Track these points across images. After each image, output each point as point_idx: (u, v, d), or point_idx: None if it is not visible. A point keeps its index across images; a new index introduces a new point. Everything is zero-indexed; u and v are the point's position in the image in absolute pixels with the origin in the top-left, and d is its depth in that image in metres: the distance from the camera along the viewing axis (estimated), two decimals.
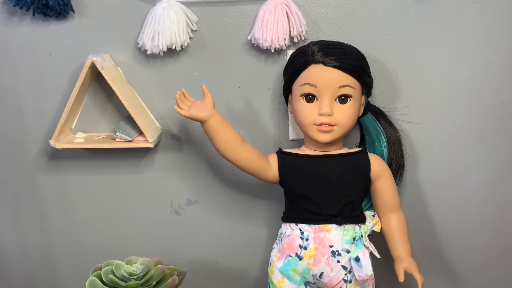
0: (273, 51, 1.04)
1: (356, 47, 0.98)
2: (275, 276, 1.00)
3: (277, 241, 1.02)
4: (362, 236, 0.97)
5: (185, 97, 1.00)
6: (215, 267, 1.21)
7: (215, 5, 1.05)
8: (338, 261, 0.96)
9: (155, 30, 1.02)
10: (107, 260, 1.02)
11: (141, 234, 1.19)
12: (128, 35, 1.07)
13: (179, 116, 1.09)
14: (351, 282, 0.97)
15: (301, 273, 0.98)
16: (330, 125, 0.95)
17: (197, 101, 0.98)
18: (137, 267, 0.99)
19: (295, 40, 1.04)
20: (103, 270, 0.99)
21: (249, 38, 1.04)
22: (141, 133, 1.08)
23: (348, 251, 0.96)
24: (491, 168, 1.12)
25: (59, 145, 1.06)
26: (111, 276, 0.97)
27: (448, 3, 1.04)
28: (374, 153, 1.04)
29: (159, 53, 1.04)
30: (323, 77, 0.94)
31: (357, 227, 0.98)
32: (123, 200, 1.17)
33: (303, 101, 0.97)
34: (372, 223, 1.00)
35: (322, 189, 0.97)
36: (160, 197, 1.17)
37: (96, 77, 1.09)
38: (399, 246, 1.00)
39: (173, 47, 1.03)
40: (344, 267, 0.96)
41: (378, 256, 0.98)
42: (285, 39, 1.01)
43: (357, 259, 0.95)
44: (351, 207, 0.98)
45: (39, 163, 1.15)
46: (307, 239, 0.97)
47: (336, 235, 0.97)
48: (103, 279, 0.97)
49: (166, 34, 1.01)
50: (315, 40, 1.02)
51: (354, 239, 0.97)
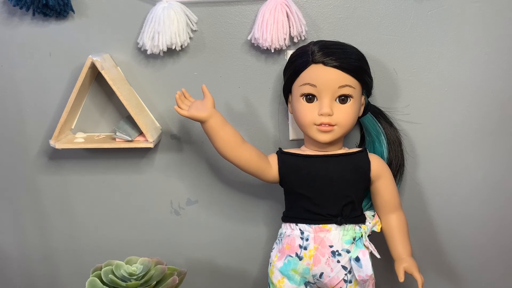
0: (273, 51, 1.04)
1: (356, 47, 0.98)
2: (275, 276, 1.00)
3: (277, 241, 1.02)
4: (362, 236, 0.97)
5: (185, 97, 1.00)
6: (215, 267, 1.21)
7: (215, 5, 1.05)
8: (338, 261, 0.96)
9: (155, 30, 1.02)
10: (107, 260, 1.02)
11: (141, 234, 1.19)
12: (128, 35, 1.07)
13: (179, 116, 1.09)
14: (351, 282, 0.97)
15: (301, 273, 0.98)
16: (330, 125, 0.95)
17: (197, 101, 0.98)
18: (137, 267, 0.99)
19: (295, 40, 1.04)
20: (103, 270, 0.99)
21: (249, 38, 1.04)
22: (141, 133, 1.08)
23: (348, 251, 0.96)
24: (491, 168, 1.12)
25: (59, 145, 1.06)
26: (111, 276, 0.97)
27: (448, 3, 1.04)
28: (374, 153, 1.04)
29: (159, 53, 1.04)
30: (323, 77, 0.94)
31: (357, 227, 0.98)
32: (123, 200, 1.17)
33: (303, 101, 0.96)
34: (372, 223, 1.00)
35: (322, 189, 0.97)
36: (160, 197, 1.17)
37: (96, 77, 1.09)
38: (399, 246, 1.00)
39: (173, 47, 1.03)
40: (344, 267, 0.96)
41: (378, 256, 0.98)
42: (285, 39, 1.01)
43: (357, 259, 0.95)
44: (351, 207, 0.98)
45: (39, 163, 1.15)
46: (307, 239, 0.97)
47: (336, 235, 0.97)
48: (103, 279, 0.97)
49: (166, 34, 1.01)
50: (315, 40, 1.01)
51: (354, 239, 0.97)
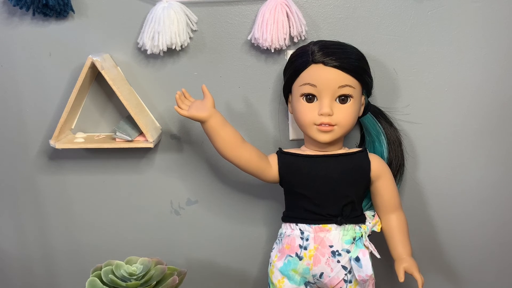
0: (273, 51, 1.04)
1: (356, 47, 0.98)
2: (275, 276, 1.00)
3: (277, 241, 1.02)
4: (362, 236, 0.97)
5: (185, 97, 1.00)
6: (215, 267, 1.21)
7: (215, 5, 1.05)
8: (338, 261, 0.96)
9: (155, 30, 1.02)
10: (107, 260, 1.02)
11: (141, 234, 1.19)
12: (128, 35, 1.07)
13: (179, 116, 1.09)
14: (351, 282, 0.97)
15: (301, 273, 0.98)
16: (330, 125, 0.95)
17: (197, 101, 0.98)
18: (137, 267, 0.99)
19: (295, 40, 1.04)
20: (103, 270, 0.99)
21: (249, 38, 1.04)
22: (141, 133, 1.08)
23: (348, 251, 0.96)
24: (491, 168, 1.12)
25: (59, 145, 1.06)
26: (111, 276, 0.97)
27: (448, 3, 1.04)
28: (374, 153, 1.04)
29: (159, 53, 1.04)
30: (323, 77, 0.94)
31: (357, 227, 0.98)
32: (123, 200, 1.17)
33: (303, 101, 0.96)
34: (372, 223, 1.00)
35: (322, 189, 0.97)
36: (160, 197, 1.17)
37: (96, 77, 1.09)
38: (399, 246, 1.00)
39: (173, 47, 1.03)
40: (344, 267, 0.96)
41: (378, 256, 0.98)
42: (285, 39, 1.01)
43: (357, 259, 0.95)
44: (351, 207, 0.98)
45: (39, 163, 1.15)
46: (307, 239, 0.97)
47: (336, 235, 0.97)
48: (103, 279, 0.97)
49: (166, 34, 1.01)
50: (315, 40, 1.01)
51: (354, 239, 0.97)
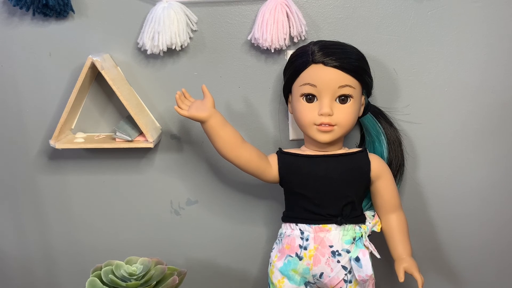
0: (273, 51, 1.04)
1: (356, 47, 0.98)
2: (275, 276, 1.00)
3: (277, 241, 1.02)
4: (362, 236, 0.97)
5: (185, 97, 1.00)
6: (215, 267, 1.21)
7: (215, 5, 1.05)
8: (338, 261, 0.96)
9: (155, 30, 1.02)
10: (107, 260, 1.02)
11: (141, 234, 1.19)
12: (128, 35, 1.07)
13: (179, 116, 1.09)
14: (351, 282, 0.97)
15: (301, 273, 0.98)
16: (330, 125, 0.95)
17: (197, 101, 0.98)
18: (137, 267, 0.99)
19: (295, 40, 1.04)
20: (103, 270, 0.99)
21: (249, 38, 1.04)
22: (141, 133, 1.08)
23: (348, 251, 0.96)
24: (491, 168, 1.12)
25: (59, 145, 1.06)
26: (111, 276, 0.97)
27: (448, 3, 1.04)
28: (374, 153, 1.04)
29: (159, 53, 1.04)
30: (323, 77, 0.94)
31: (357, 227, 0.98)
32: (123, 200, 1.17)
33: (303, 101, 0.96)
34: (372, 223, 1.00)
35: (322, 189, 0.97)
36: (160, 197, 1.17)
37: (96, 77, 1.09)
38: (399, 246, 1.00)
39: (173, 47, 1.03)
40: (344, 267, 0.96)
41: (378, 256, 0.98)
42: (285, 39, 1.01)
43: (357, 259, 0.95)
44: (351, 207, 0.98)
45: (39, 163, 1.15)
46: (307, 239, 0.97)
47: (336, 235, 0.97)
48: (103, 279, 0.97)
49: (166, 34, 1.01)
50: (315, 40, 1.01)
51: (354, 239, 0.97)
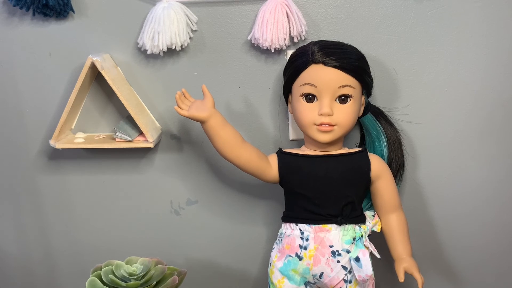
0: (273, 51, 1.04)
1: (356, 47, 0.98)
2: (275, 276, 1.00)
3: (277, 241, 1.02)
4: (362, 236, 0.97)
5: (185, 97, 1.00)
6: (215, 267, 1.21)
7: (215, 5, 1.05)
8: (338, 261, 0.96)
9: (155, 30, 1.02)
10: (107, 260, 1.02)
11: (141, 234, 1.19)
12: (128, 35, 1.07)
13: (179, 116, 1.09)
14: (351, 282, 0.97)
15: (301, 273, 0.98)
16: (330, 125, 0.95)
17: (197, 101, 0.98)
18: (137, 267, 0.99)
19: (295, 40, 1.04)
20: (103, 270, 0.99)
21: (249, 38, 1.04)
22: (141, 133, 1.08)
23: (348, 251, 0.96)
24: (491, 168, 1.12)
25: (59, 145, 1.06)
26: (111, 276, 0.97)
27: (448, 3, 1.04)
28: (374, 153, 1.04)
29: (159, 53, 1.04)
30: (323, 77, 0.94)
31: (357, 227, 0.98)
32: (123, 200, 1.17)
33: (303, 101, 0.96)
34: (372, 223, 1.00)
35: (322, 189, 0.97)
36: (160, 197, 1.17)
37: (96, 77, 1.09)
38: (399, 246, 1.00)
39: (173, 47, 1.03)
40: (344, 267, 0.96)
41: (378, 256, 0.98)
42: (285, 39, 1.01)
43: (357, 259, 0.95)
44: (351, 207, 0.98)
45: (39, 163, 1.15)
46: (307, 239, 0.97)
47: (336, 235, 0.97)
48: (103, 279, 0.97)
49: (166, 34, 1.01)
50: (315, 40, 1.01)
51: (354, 239, 0.97)
